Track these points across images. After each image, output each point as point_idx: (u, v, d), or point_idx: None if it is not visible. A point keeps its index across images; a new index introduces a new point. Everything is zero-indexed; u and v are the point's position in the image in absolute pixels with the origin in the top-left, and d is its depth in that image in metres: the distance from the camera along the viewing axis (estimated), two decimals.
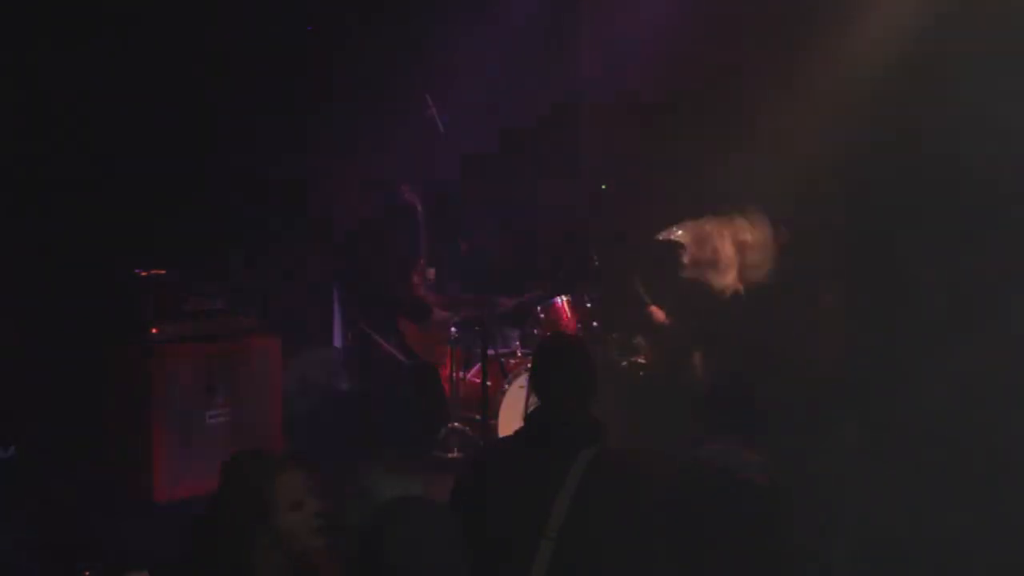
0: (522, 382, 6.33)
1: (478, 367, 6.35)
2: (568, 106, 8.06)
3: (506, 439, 3.53)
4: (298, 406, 6.25)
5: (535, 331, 6.72)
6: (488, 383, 6.10)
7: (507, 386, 6.41)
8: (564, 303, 6.70)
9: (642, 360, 6.18)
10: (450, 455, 6.47)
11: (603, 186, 7.06)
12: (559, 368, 3.34)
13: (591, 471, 3.10)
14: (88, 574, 3.16)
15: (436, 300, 6.50)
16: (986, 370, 4.75)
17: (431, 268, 6.59)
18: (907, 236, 5.83)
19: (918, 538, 3.05)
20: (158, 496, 5.69)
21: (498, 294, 6.89)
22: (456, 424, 6.60)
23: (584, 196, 7.35)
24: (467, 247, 6.83)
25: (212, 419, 5.90)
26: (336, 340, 7.52)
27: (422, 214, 6.59)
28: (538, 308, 6.73)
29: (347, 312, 6.97)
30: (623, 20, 7.60)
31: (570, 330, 6.54)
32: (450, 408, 6.59)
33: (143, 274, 5.85)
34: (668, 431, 5.79)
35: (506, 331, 6.90)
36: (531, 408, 3.38)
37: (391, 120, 6.99)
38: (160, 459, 5.70)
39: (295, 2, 7.24)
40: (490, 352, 5.96)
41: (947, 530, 3.05)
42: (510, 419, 6.19)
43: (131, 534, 5.33)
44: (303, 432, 7.13)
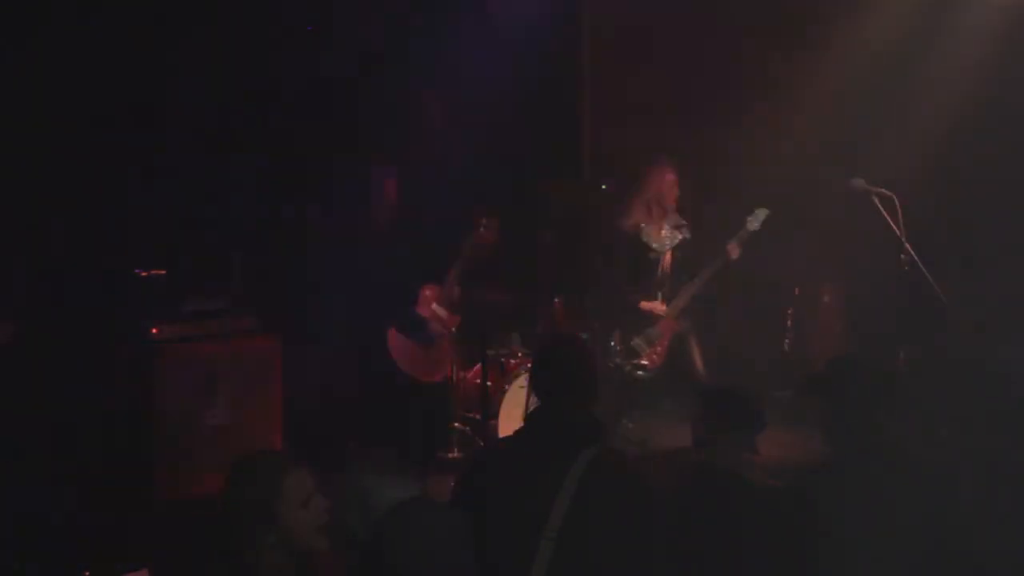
0: (522, 382, 6.33)
1: (478, 367, 6.35)
2: (568, 102, 8.06)
3: (506, 439, 3.52)
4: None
5: (535, 331, 6.73)
6: (488, 383, 6.09)
7: (507, 386, 6.41)
8: (564, 304, 6.70)
9: (644, 361, 6.18)
10: (450, 455, 6.47)
11: (603, 186, 7.05)
12: (559, 368, 3.33)
13: (591, 471, 3.10)
14: (88, 574, 3.15)
15: (446, 319, 6.36)
16: None
17: (455, 287, 6.40)
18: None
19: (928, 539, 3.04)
20: (158, 496, 5.69)
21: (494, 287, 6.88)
22: (456, 424, 6.60)
23: (584, 196, 7.35)
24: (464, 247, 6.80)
25: (212, 419, 5.90)
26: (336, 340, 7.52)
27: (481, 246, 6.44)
28: (538, 308, 6.73)
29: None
30: (624, 18, 7.61)
31: (570, 331, 6.53)
32: (449, 410, 6.57)
33: (143, 274, 5.85)
34: (669, 431, 5.81)
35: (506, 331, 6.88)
36: (531, 408, 3.37)
37: (393, 119, 6.99)
38: (160, 459, 5.70)
39: (295, 2, 7.25)
40: (490, 352, 5.95)
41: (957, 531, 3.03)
42: (510, 419, 6.19)
43: (131, 534, 5.33)
44: (303, 433, 7.16)
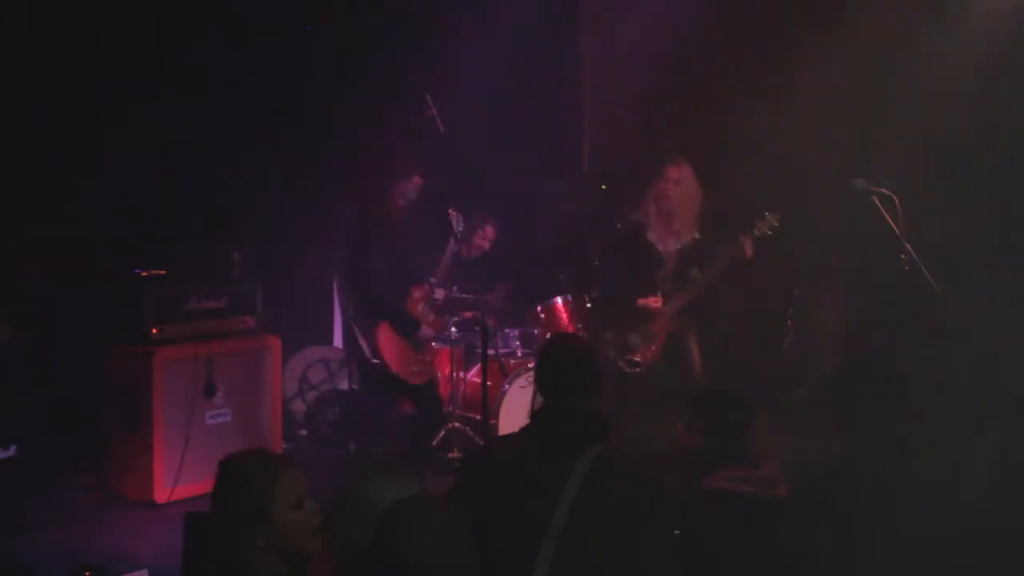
0: (522, 382, 6.32)
1: (478, 367, 6.34)
2: (568, 104, 8.06)
3: (510, 436, 3.52)
4: None
5: (535, 331, 6.72)
6: (488, 383, 6.09)
7: (507, 386, 6.40)
8: (564, 303, 6.70)
9: (638, 359, 6.17)
10: (450, 455, 6.47)
11: (603, 186, 7.04)
12: (564, 366, 3.33)
13: (596, 469, 3.09)
14: (88, 574, 3.15)
15: (433, 322, 6.30)
16: None
17: (441, 289, 6.31)
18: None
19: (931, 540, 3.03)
20: (158, 496, 5.69)
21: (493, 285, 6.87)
22: (456, 424, 6.59)
23: (584, 196, 7.34)
24: (467, 248, 6.80)
25: (212, 419, 5.91)
26: (336, 340, 7.53)
27: (459, 238, 6.39)
28: (538, 308, 6.73)
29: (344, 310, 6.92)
30: (624, 17, 7.60)
31: (570, 331, 6.53)
32: (446, 412, 6.56)
33: (143, 274, 5.85)
34: (670, 430, 5.80)
35: (506, 331, 6.88)
36: (536, 406, 3.37)
37: (394, 119, 6.98)
38: (160, 459, 5.70)
39: (296, 3, 7.25)
40: (490, 352, 5.94)
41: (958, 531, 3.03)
42: (510, 419, 6.19)
43: (131, 534, 5.33)
44: (302, 433, 7.17)
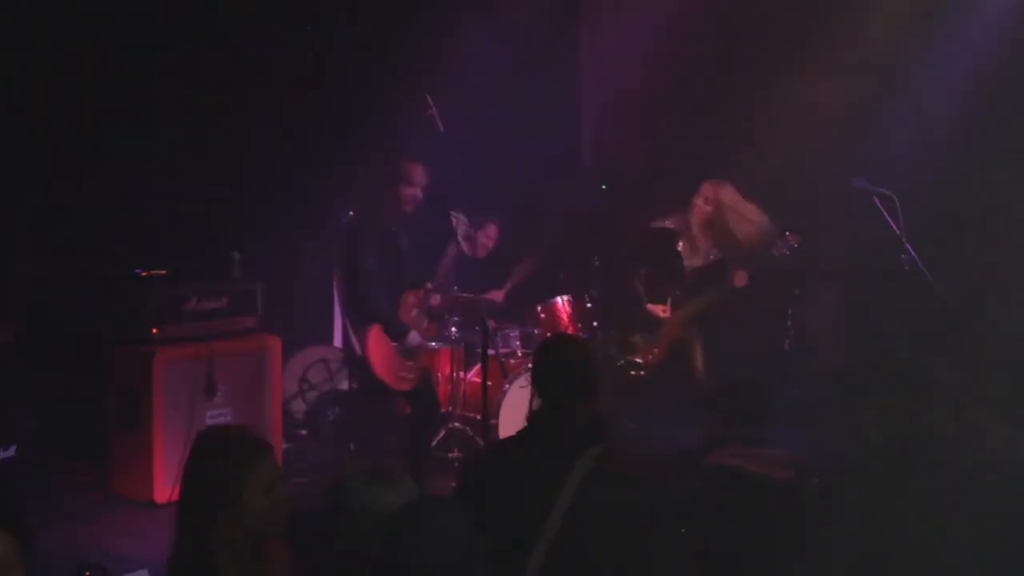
0: (522, 382, 6.31)
1: (478, 367, 6.34)
2: (568, 105, 8.06)
3: (509, 439, 3.51)
4: None
5: (535, 331, 6.72)
6: (488, 383, 6.09)
7: (507, 386, 6.40)
8: (564, 303, 6.70)
9: (639, 360, 6.18)
10: (450, 455, 6.47)
11: (603, 186, 7.05)
12: (561, 367, 3.31)
13: (594, 472, 3.08)
14: (88, 574, 3.14)
15: (426, 328, 6.24)
16: None
17: (437, 295, 6.16)
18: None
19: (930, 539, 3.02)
20: (158, 496, 5.69)
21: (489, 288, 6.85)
22: (456, 424, 6.59)
23: (584, 196, 7.35)
24: (471, 248, 6.79)
25: (212, 419, 5.90)
26: (336, 340, 7.52)
27: (461, 240, 6.28)
28: (538, 308, 6.73)
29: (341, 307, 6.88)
30: (624, 18, 7.60)
31: (570, 331, 6.53)
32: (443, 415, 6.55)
33: (143, 274, 5.85)
34: (671, 430, 5.80)
35: (506, 331, 6.87)
36: (534, 407, 3.35)
37: (393, 120, 6.97)
38: (160, 459, 5.70)
39: (296, 3, 7.25)
40: (490, 352, 5.93)
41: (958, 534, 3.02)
42: (510, 419, 6.18)
43: (131, 534, 5.33)
44: (302, 433, 7.16)
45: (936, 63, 6.47)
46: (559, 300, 6.70)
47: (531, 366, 3.56)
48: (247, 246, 6.39)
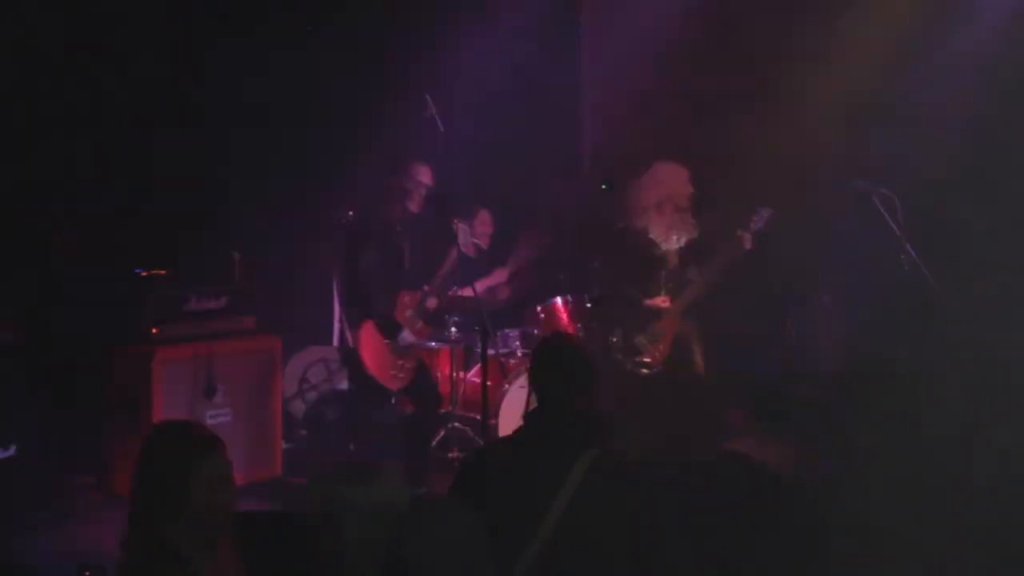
0: (522, 382, 6.32)
1: (478, 367, 6.34)
2: (568, 104, 8.06)
3: (507, 438, 3.50)
4: None
5: (535, 331, 6.72)
6: (488, 383, 6.09)
7: (507, 386, 6.41)
8: (564, 303, 6.69)
9: (647, 359, 6.15)
10: (450, 455, 6.47)
11: (603, 186, 7.04)
12: (558, 367, 3.30)
13: (592, 472, 3.07)
14: (88, 574, 3.14)
15: (420, 330, 6.21)
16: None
17: (434, 298, 6.11)
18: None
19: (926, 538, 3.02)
20: None
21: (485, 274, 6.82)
22: (456, 424, 6.59)
23: (584, 196, 7.33)
24: (472, 250, 6.78)
25: (212, 419, 5.90)
26: (335, 340, 7.52)
27: (468, 248, 6.22)
28: (538, 308, 6.73)
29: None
30: (624, 17, 7.60)
31: (570, 331, 6.52)
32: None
33: (143, 274, 5.85)
34: (672, 430, 5.79)
35: (506, 331, 6.86)
36: (530, 408, 3.34)
37: (393, 120, 6.98)
38: None
39: (297, 4, 7.25)
40: (490, 352, 5.92)
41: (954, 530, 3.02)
42: (510, 419, 6.18)
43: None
44: (302, 433, 7.16)
45: (937, 62, 6.47)
46: (559, 300, 6.70)
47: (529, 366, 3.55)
48: (247, 246, 6.38)
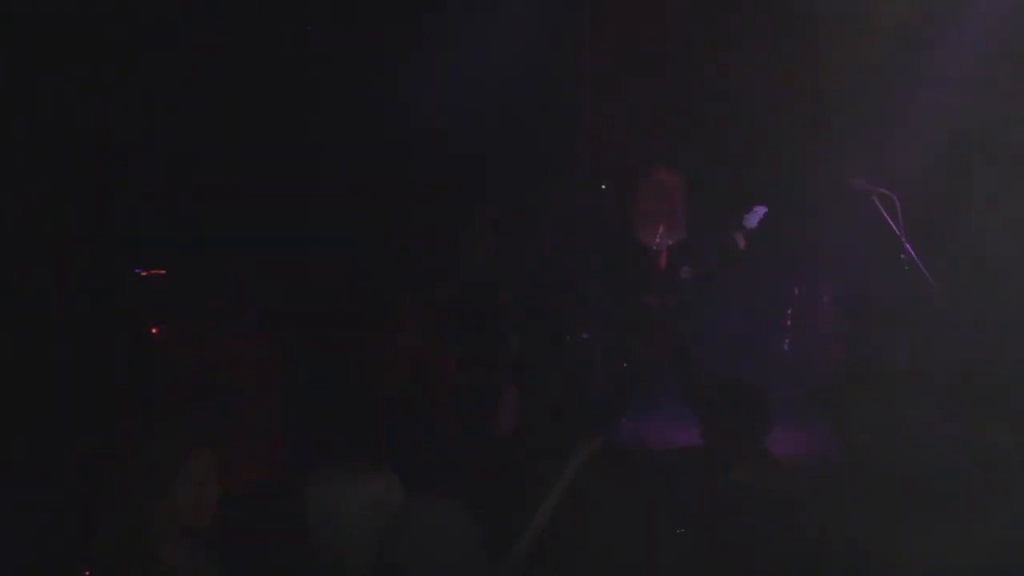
0: None
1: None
2: (568, 104, 8.06)
3: (506, 437, 3.52)
4: None
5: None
6: None
7: None
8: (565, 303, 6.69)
9: (641, 359, 6.14)
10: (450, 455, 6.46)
11: (603, 186, 7.05)
12: (556, 367, 3.33)
13: (588, 470, 3.09)
14: (88, 574, 3.15)
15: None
16: None
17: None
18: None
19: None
20: None
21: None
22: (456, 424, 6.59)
23: (584, 196, 7.34)
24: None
25: (212, 419, 5.90)
26: None
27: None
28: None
29: None
30: (624, 18, 7.61)
31: (568, 330, 6.52)
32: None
33: (143, 274, 5.85)
34: (667, 429, 5.81)
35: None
36: (527, 406, 3.36)
37: (393, 119, 6.99)
38: None
39: (297, 4, 7.26)
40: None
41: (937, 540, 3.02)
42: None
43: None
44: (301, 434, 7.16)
45: (937, 61, 6.47)
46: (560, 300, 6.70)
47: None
48: (247, 246, 6.39)
